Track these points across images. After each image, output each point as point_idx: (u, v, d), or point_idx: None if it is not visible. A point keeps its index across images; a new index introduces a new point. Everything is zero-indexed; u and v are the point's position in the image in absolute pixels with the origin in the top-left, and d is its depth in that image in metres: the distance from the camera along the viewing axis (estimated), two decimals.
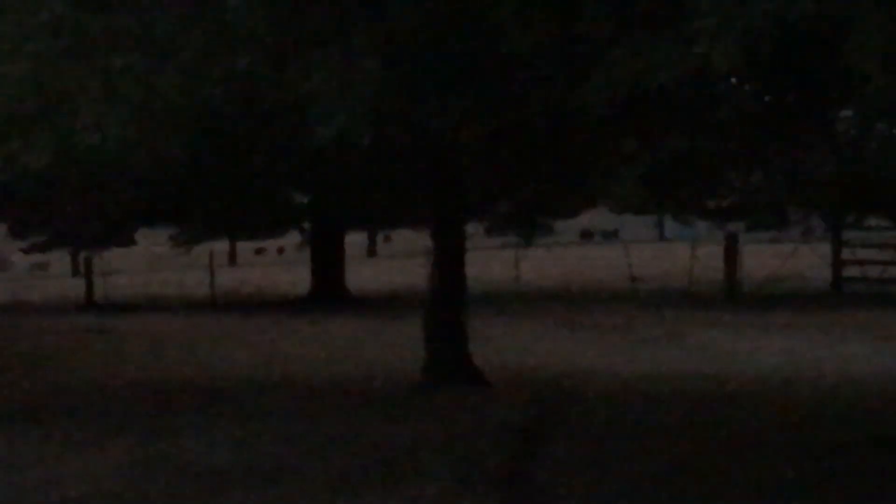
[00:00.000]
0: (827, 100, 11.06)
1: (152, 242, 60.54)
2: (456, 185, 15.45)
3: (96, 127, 8.71)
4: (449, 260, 15.35)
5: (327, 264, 33.06)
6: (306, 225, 34.64)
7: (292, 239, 51.30)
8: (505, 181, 21.72)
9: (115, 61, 8.59)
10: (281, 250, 68.00)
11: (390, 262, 54.10)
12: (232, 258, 60.75)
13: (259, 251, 67.11)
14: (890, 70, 6.79)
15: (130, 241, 42.56)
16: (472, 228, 30.28)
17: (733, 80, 10.69)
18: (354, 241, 51.56)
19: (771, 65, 7.49)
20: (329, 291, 32.39)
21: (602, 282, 37.23)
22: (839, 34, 6.72)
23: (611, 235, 76.04)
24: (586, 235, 78.36)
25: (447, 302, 15.35)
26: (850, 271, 31.95)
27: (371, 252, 64.32)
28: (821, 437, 11.59)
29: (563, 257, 52.44)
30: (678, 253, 40.99)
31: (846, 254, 32.14)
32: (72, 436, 11.99)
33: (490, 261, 40.37)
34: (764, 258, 36.44)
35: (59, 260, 56.59)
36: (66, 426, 12.57)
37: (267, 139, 12.86)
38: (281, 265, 56.10)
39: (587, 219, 60.81)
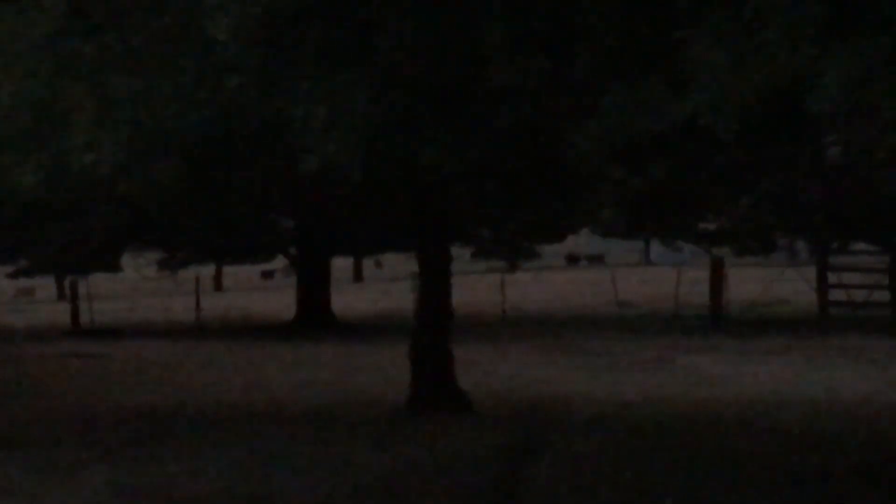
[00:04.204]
0: (811, 129, 11.14)
1: (138, 267, 60.41)
2: (442, 212, 15.46)
3: (90, 147, 8.71)
4: (435, 285, 15.35)
5: (313, 289, 33.01)
6: (292, 250, 34.58)
7: (280, 263, 51.25)
8: (492, 208, 21.76)
9: (109, 81, 8.61)
10: (270, 274, 67.87)
11: (377, 286, 54.05)
12: (218, 283, 60.60)
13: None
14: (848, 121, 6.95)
15: (116, 267, 42.43)
16: (457, 252, 30.29)
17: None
18: (341, 265, 51.48)
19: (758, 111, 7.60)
20: (315, 316, 32.33)
21: (588, 306, 37.24)
22: (809, 86, 6.86)
23: (597, 259, 76.04)
24: (572, 259, 78.34)
25: (433, 327, 15.34)
26: (836, 296, 31.99)
27: (357, 277, 64.24)
28: (807, 463, 11.58)
29: (548, 281, 52.43)
30: (664, 277, 41.04)
31: (832, 278, 32.19)
32: (54, 462, 11.93)
33: (476, 285, 40.37)
34: (750, 282, 36.50)
35: (45, 285, 56.42)
36: (49, 453, 12.51)
37: (254, 164, 12.86)
38: (267, 290, 56.02)
39: (573, 243, 60.81)
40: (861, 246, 34.45)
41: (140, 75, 8.59)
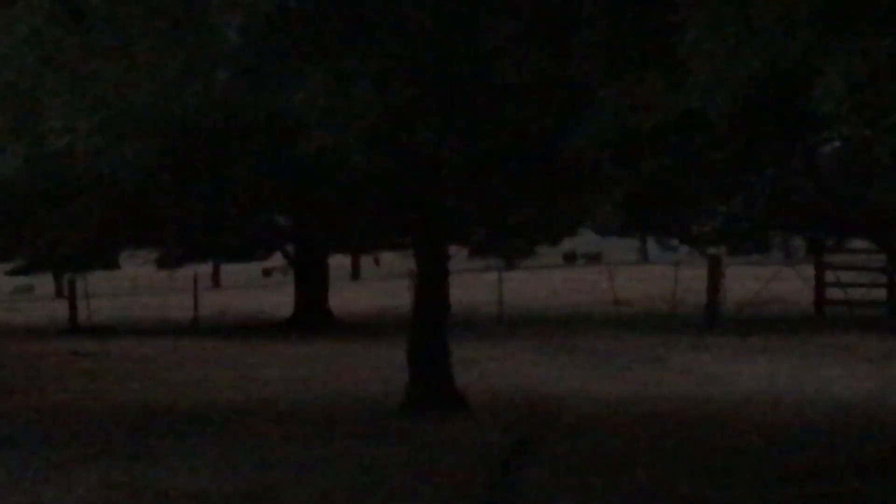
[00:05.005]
0: (805, 128, 11.15)
1: (136, 265, 60.38)
2: (439, 209, 15.47)
3: (65, 131, 8.74)
4: (432, 283, 15.36)
5: (311, 287, 33.00)
6: (290, 248, 34.58)
7: (279, 261, 51.20)
8: (491, 205, 21.70)
9: (85, 68, 8.62)
10: (269, 272, 67.84)
11: (374, 284, 54.02)
12: (215, 281, 60.59)
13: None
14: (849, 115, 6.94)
15: (114, 264, 42.38)
16: (454, 251, 30.25)
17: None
18: (339, 263, 51.42)
19: (753, 104, 7.60)
20: (313, 314, 32.32)
21: (585, 304, 37.23)
22: (807, 81, 6.86)
23: (594, 258, 76.03)
24: (569, 258, 78.34)
25: (430, 325, 15.35)
26: (833, 294, 32.00)
27: (355, 275, 64.21)
28: (803, 461, 11.60)
29: (546, 280, 52.40)
30: (661, 275, 41.04)
31: (829, 277, 32.20)
32: (51, 460, 11.94)
33: (472, 283, 40.37)
34: (746, 281, 36.48)
35: (43, 283, 56.43)
36: (46, 450, 12.51)
37: (247, 156, 12.85)
38: (265, 288, 56.00)
39: (570, 241, 60.73)
40: (858, 244, 34.47)
41: (123, 65, 8.60)
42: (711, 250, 34.15)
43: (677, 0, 7.33)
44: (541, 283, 49.92)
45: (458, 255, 31.05)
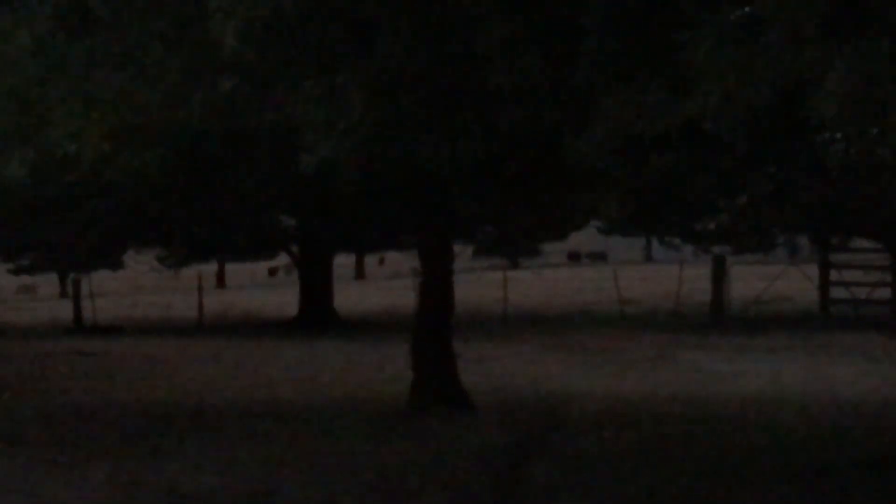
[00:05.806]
0: (810, 125, 11.12)
1: (141, 265, 60.41)
2: (443, 210, 15.47)
3: (72, 139, 8.78)
4: (436, 282, 15.36)
5: (315, 287, 33.02)
6: (295, 247, 34.60)
7: (283, 260, 51.25)
8: (492, 208, 21.73)
9: (94, 76, 8.66)
10: (273, 271, 67.94)
11: (379, 284, 54.05)
12: (220, 280, 60.65)
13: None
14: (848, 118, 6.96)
15: (119, 264, 42.44)
16: (458, 250, 30.25)
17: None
18: (343, 262, 51.47)
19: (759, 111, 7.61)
20: (317, 313, 32.35)
21: (590, 304, 37.23)
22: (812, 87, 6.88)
23: (599, 257, 76.06)
24: (574, 257, 78.36)
25: (434, 324, 15.35)
26: (837, 293, 31.98)
27: (360, 274, 64.25)
28: (808, 460, 11.60)
29: (550, 279, 52.43)
30: (666, 275, 41.04)
31: (834, 276, 32.18)
32: (56, 459, 11.95)
33: (477, 283, 40.38)
34: (751, 280, 36.49)
35: (47, 282, 56.47)
36: (51, 449, 12.52)
37: (251, 162, 12.87)
38: (270, 287, 56.04)
39: (575, 240, 60.77)
40: (863, 243, 34.42)
41: (128, 74, 8.62)
42: (716, 249, 34.15)
43: (684, 17, 7.34)
44: (545, 281, 49.93)
45: (462, 255, 31.08)
